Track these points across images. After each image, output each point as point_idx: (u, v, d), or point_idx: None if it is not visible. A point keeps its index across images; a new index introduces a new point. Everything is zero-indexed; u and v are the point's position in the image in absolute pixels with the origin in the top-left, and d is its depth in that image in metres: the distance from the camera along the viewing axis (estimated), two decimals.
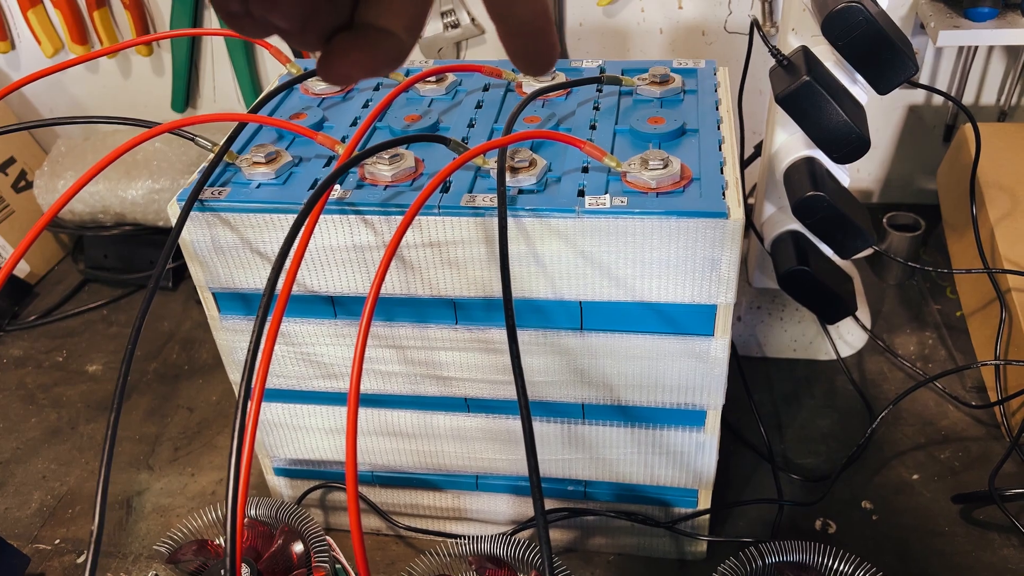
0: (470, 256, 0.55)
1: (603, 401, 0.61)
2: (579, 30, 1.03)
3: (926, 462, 0.78)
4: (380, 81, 0.69)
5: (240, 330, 0.63)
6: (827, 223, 0.73)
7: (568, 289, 0.56)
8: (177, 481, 0.82)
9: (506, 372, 0.61)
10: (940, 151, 1.04)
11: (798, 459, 0.79)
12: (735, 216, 0.51)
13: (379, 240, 0.56)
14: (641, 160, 0.54)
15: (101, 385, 0.94)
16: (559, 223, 0.53)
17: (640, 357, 0.58)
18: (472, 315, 0.59)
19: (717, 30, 1.01)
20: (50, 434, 0.88)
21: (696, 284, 0.54)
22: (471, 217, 0.53)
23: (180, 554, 0.62)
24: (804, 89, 0.66)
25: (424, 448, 0.67)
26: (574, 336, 0.58)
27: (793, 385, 0.87)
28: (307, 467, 0.72)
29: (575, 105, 0.64)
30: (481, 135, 0.62)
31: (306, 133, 0.58)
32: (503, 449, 0.66)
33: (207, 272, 0.60)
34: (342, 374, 0.64)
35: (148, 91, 1.17)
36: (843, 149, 0.69)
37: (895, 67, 0.65)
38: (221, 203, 0.56)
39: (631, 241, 0.53)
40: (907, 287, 0.98)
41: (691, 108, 0.63)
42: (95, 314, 1.05)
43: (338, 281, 0.58)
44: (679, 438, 0.63)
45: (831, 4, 0.63)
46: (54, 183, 1.05)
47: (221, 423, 0.88)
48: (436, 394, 0.64)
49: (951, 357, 0.88)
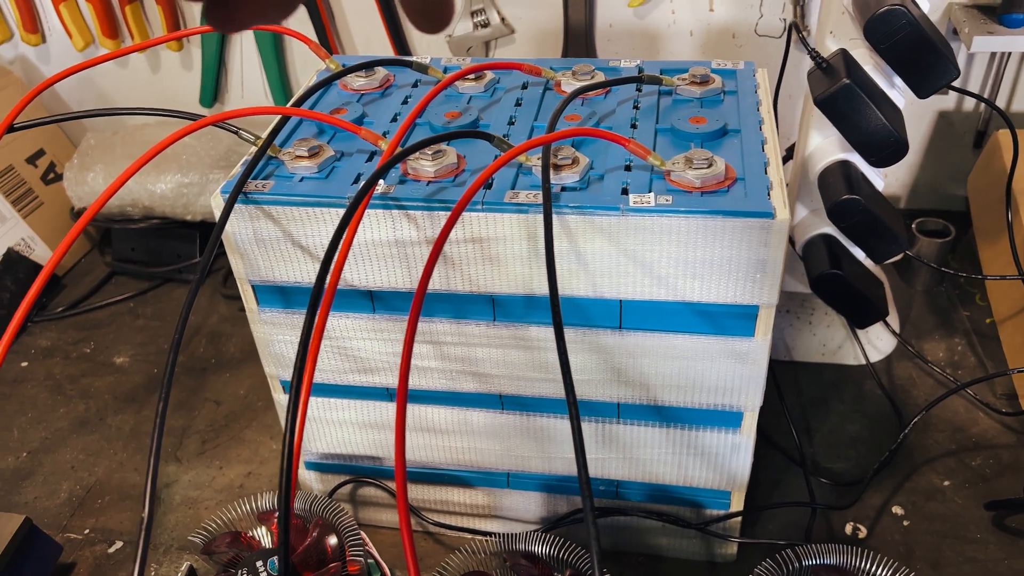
0: (511, 253, 0.55)
1: (639, 401, 0.61)
2: (609, 31, 1.03)
3: (957, 468, 0.77)
4: (418, 78, 0.69)
5: (277, 323, 0.63)
6: (862, 227, 0.73)
7: (609, 287, 0.56)
8: (205, 474, 0.82)
9: (542, 369, 0.61)
10: (969, 157, 1.04)
11: (827, 463, 0.79)
12: (781, 216, 0.51)
13: (421, 235, 0.56)
14: (685, 159, 0.54)
15: (128, 377, 0.95)
16: (603, 221, 0.53)
17: (679, 357, 0.58)
18: (510, 312, 0.59)
19: (747, 33, 1.01)
20: (78, 424, 0.89)
21: (740, 284, 0.54)
22: (514, 214, 0.54)
23: (214, 545, 0.63)
24: (843, 92, 0.66)
25: (457, 444, 0.67)
26: (612, 335, 0.58)
27: (821, 389, 0.86)
28: (338, 461, 0.72)
29: (615, 104, 0.64)
30: (521, 132, 0.62)
31: (350, 128, 0.58)
32: (536, 447, 0.66)
33: (247, 265, 0.60)
34: (378, 369, 0.64)
35: (177, 86, 1.17)
36: (881, 152, 0.69)
37: (937, 71, 0.65)
38: (265, 196, 0.56)
39: (675, 240, 0.53)
40: (935, 293, 0.97)
41: (732, 109, 0.63)
42: (122, 306, 1.05)
43: (379, 276, 0.58)
44: (715, 439, 0.62)
45: (873, 7, 0.63)
46: (83, 176, 1.06)
47: (248, 417, 0.88)
48: (471, 390, 0.64)
49: (981, 364, 0.88)
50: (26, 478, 0.83)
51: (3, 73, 1.11)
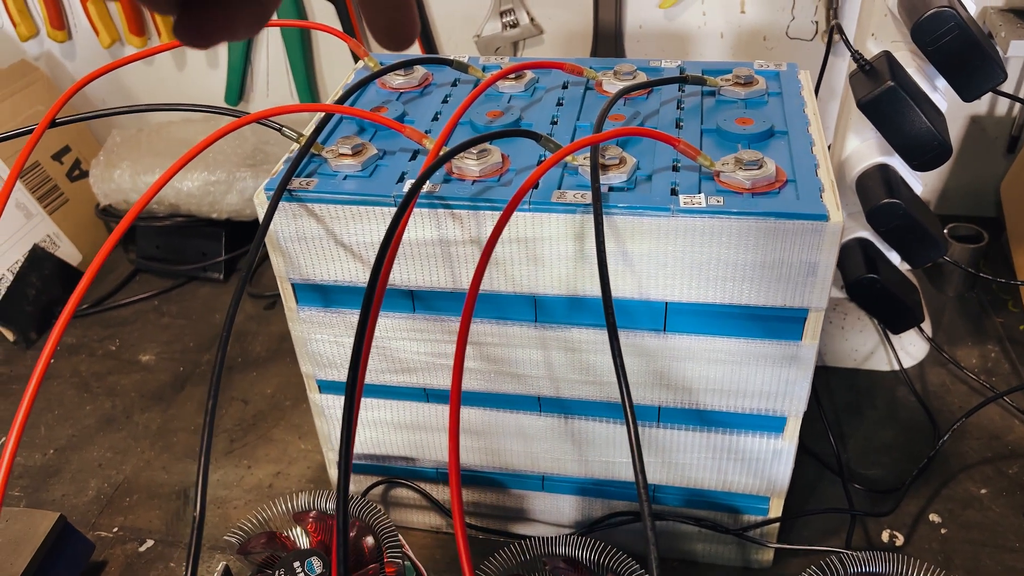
0: (557, 253, 0.55)
1: (681, 405, 0.61)
2: (639, 32, 1.03)
3: (994, 477, 0.76)
4: (457, 77, 0.69)
5: (316, 322, 0.62)
6: (901, 231, 0.72)
7: (655, 289, 0.55)
8: (233, 473, 0.82)
9: (582, 371, 0.61)
10: (1001, 162, 1.03)
11: (861, 470, 0.78)
12: (834, 219, 0.50)
13: (466, 235, 0.55)
14: (735, 160, 0.54)
15: (154, 375, 0.94)
16: (652, 222, 0.52)
17: (723, 361, 0.58)
18: (552, 313, 0.59)
19: (779, 36, 1.00)
20: (105, 422, 0.88)
21: (790, 288, 0.53)
22: (561, 214, 0.53)
23: (250, 546, 0.62)
24: (888, 95, 0.66)
25: (492, 446, 0.67)
26: (656, 337, 0.58)
27: (854, 395, 0.86)
28: (371, 462, 0.71)
29: (658, 104, 0.64)
30: (565, 132, 0.61)
31: (394, 126, 0.57)
32: (572, 450, 0.65)
33: (289, 263, 0.59)
34: (416, 368, 0.63)
35: (202, 83, 1.17)
36: (924, 156, 0.68)
37: (984, 73, 0.64)
38: (309, 194, 0.55)
39: (726, 242, 0.52)
40: (967, 299, 0.96)
41: (776, 110, 0.62)
42: (146, 304, 1.05)
43: (421, 275, 0.58)
44: (756, 444, 0.62)
45: (921, 9, 0.62)
46: (109, 173, 1.05)
47: (276, 416, 0.88)
48: (510, 392, 0.63)
49: (1015, 371, 0.87)
50: (54, 475, 0.83)
51: (29, 69, 1.11)
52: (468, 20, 1.05)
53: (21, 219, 1.03)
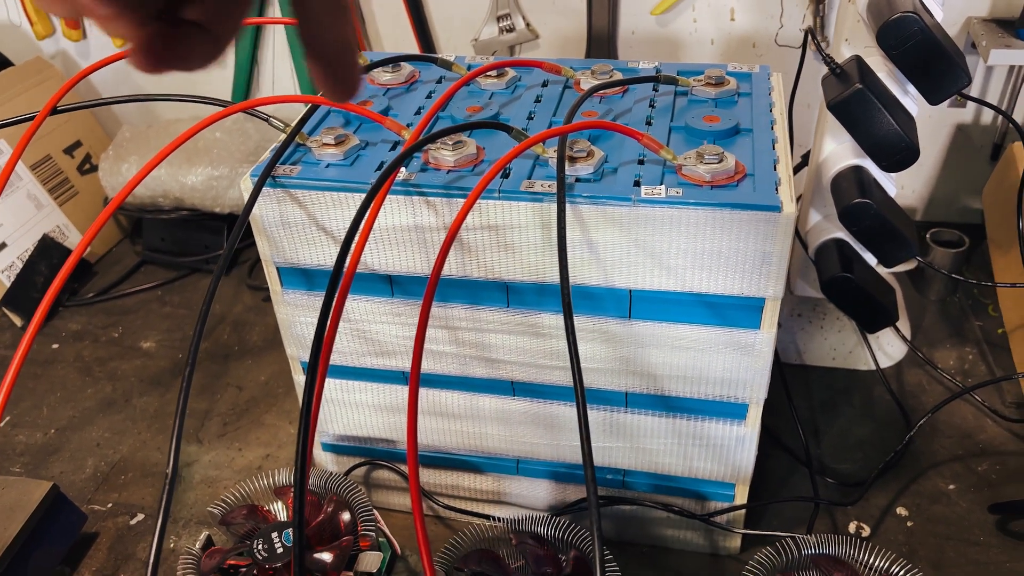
0: (526, 240, 0.57)
1: (646, 390, 0.63)
2: (631, 38, 1.05)
3: (963, 473, 0.78)
4: (443, 75, 0.72)
5: (300, 304, 0.65)
6: (873, 231, 0.74)
7: (619, 277, 0.58)
8: (225, 455, 0.85)
9: (553, 357, 0.63)
10: (986, 170, 1.05)
11: (834, 464, 0.80)
12: (787, 210, 0.53)
13: (440, 222, 0.58)
14: (697, 154, 0.56)
15: (154, 361, 0.98)
16: (615, 211, 0.55)
17: (685, 348, 0.60)
18: (524, 299, 0.61)
19: (768, 43, 1.02)
20: (105, 405, 0.92)
21: (746, 277, 0.55)
22: (529, 202, 0.56)
23: (231, 517, 0.65)
24: (856, 96, 0.68)
25: (468, 429, 0.69)
26: (622, 324, 0.60)
27: (831, 393, 0.87)
28: (353, 443, 0.74)
29: (631, 103, 0.66)
30: (540, 127, 0.64)
31: (375, 117, 0.60)
32: (545, 434, 0.68)
33: (273, 247, 0.62)
34: (395, 352, 0.66)
35: (209, 82, 1.21)
36: (892, 157, 0.70)
37: (948, 77, 0.66)
38: (292, 180, 0.58)
39: (684, 231, 0.54)
40: (948, 303, 0.98)
41: (745, 109, 0.65)
42: (150, 294, 1.09)
43: (398, 260, 0.61)
44: (720, 430, 0.64)
45: (886, 14, 0.65)
46: (118, 167, 1.09)
47: (269, 402, 0.91)
48: (484, 376, 0.66)
49: (991, 372, 0.88)
50: (53, 453, 0.86)
51: (44, 67, 1.15)
52: (466, 24, 1.08)
53: (32, 209, 1.07)
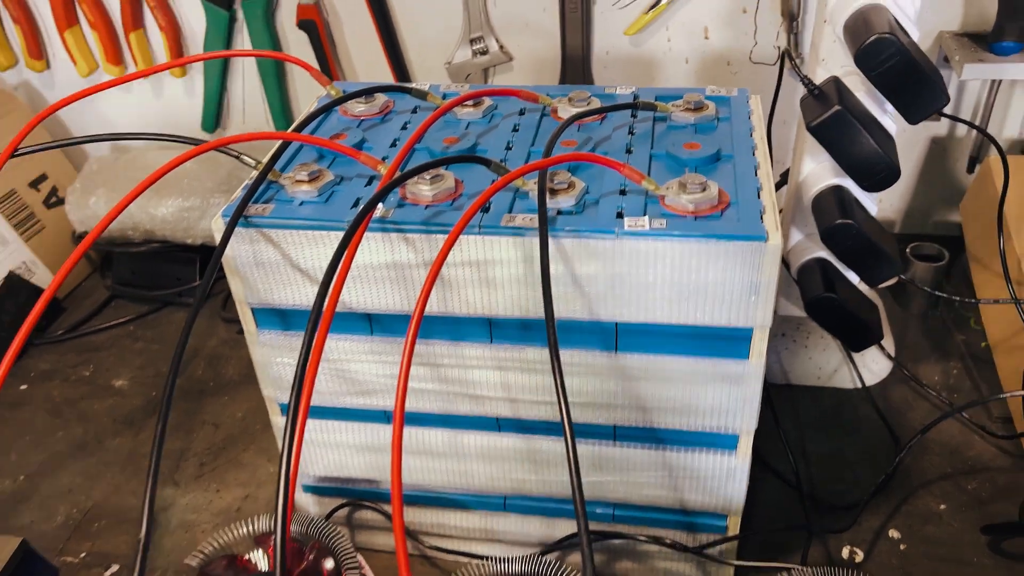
0: (508, 275, 0.56)
1: (635, 423, 0.62)
2: (606, 58, 1.05)
3: (953, 492, 0.77)
4: (417, 104, 0.70)
5: (276, 345, 0.63)
6: (856, 251, 0.73)
7: (604, 310, 0.56)
8: (202, 497, 0.82)
9: (539, 392, 0.62)
10: (963, 183, 1.05)
11: (824, 487, 0.79)
12: (773, 240, 0.52)
13: (419, 258, 0.56)
14: (679, 183, 0.55)
15: (127, 400, 0.95)
16: (598, 244, 0.53)
17: (673, 379, 0.59)
18: (508, 334, 0.60)
19: (743, 60, 1.02)
20: (76, 448, 0.89)
21: (733, 307, 0.54)
22: (511, 237, 0.54)
23: (210, 569, 0.63)
24: (835, 118, 0.67)
25: (453, 467, 0.68)
26: (608, 357, 0.59)
27: (818, 413, 0.87)
28: (335, 484, 0.72)
29: (611, 130, 0.65)
30: (519, 157, 0.63)
31: (349, 152, 0.59)
32: (533, 469, 0.66)
33: (247, 287, 0.60)
34: (376, 391, 0.64)
35: (179, 111, 1.19)
36: (873, 178, 0.70)
37: (927, 98, 0.66)
38: (265, 219, 0.57)
39: (669, 263, 0.53)
40: (930, 317, 0.98)
41: (725, 135, 0.64)
42: (122, 330, 1.06)
43: (377, 298, 0.59)
44: (710, 462, 0.63)
45: (864, 35, 0.64)
46: (85, 200, 1.07)
47: (246, 440, 0.88)
48: (468, 413, 0.64)
49: (976, 388, 0.88)
50: (23, 501, 0.83)
51: (8, 99, 1.13)
52: (440, 47, 1.07)
53: None
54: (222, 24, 1.08)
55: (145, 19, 1.11)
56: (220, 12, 1.07)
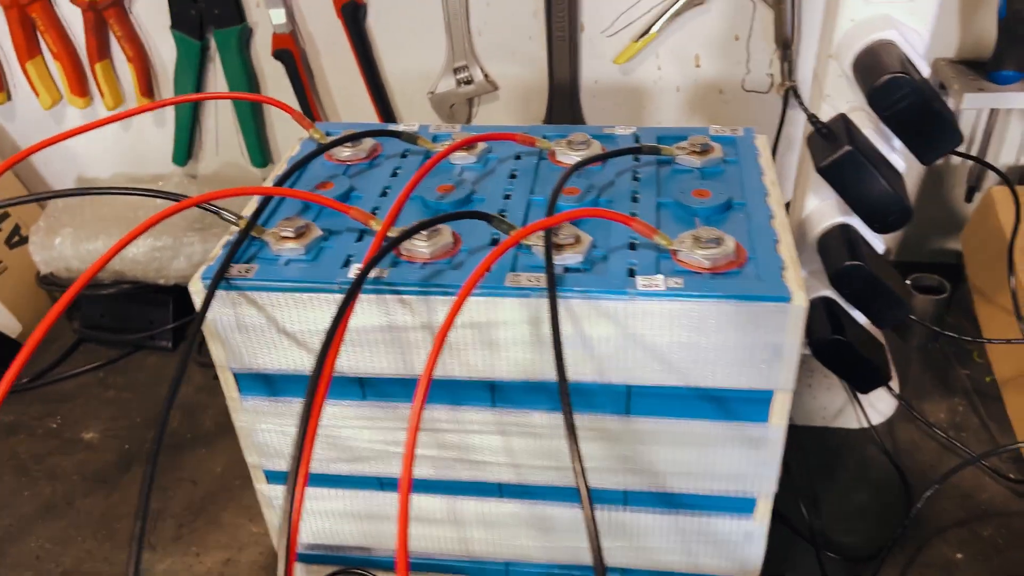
0: (512, 337, 0.52)
1: (647, 488, 0.58)
2: (594, 87, 1.02)
3: (969, 539, 0.75)
4: (407, 148, 0.67)
5: (261, 411, 0.59)
6: (865, 292, 0.71)
7: (616, 373, 0.53)
8: (181, 562, 0.77)
9: (545, 456, 0.58)
10: (960, 211, 1.03)
11: (836, 537, 0.76)
12: (798, 300, 0.48)
13: (416, 321, 0.53)
14: (693, 238, 0.52)
15: (98, 455, 0.89)
16: (609, 305, 0.50)
17: (689, 443, 0.55)
18: (511, 397, 0.56)
19: (735, 88, 0.99)
20: (44, 509, 0.83)
21: (754, 370, 0.51)
22: (516, 298, 0.51)
23: None
24: (846, 159, 0.65)
25: (451, 535, 0.64)
26: (619, 421, 0.55)
27: (824, 456, 0.84)
28: (326, 552, 0.68)
29: (613, 175, 0.62)
30: (518, 207, 0.59)
31: (340, 208, 0.55)
32: (537, 536, 0.62)
33: (229, 352, 0.56)
34: (368, 457, 0.60)
35: (148, 142, 1.14)
36: (885, 219, 0.67)
37: (941, 137, 0.63)
38: (250, 282, 0.52)
39: (686, 325, 0.50)
40: (931, 350, 0.95)
41: (734, 179, 0.61)
42: (91, 377, 1.00)
43: (370, 362, 0.55)
44: (726, 526, 0.59)
45: (877, 74, 0.62)
46: (51, 239, 1.01)
47: (226, 497, 0.83)
48: (468, 478, 0.60)
49: (984, 425, 0.86)
50: None
51: None
52: (422, 77, 1.03)
53: None
54: (193, 54, 1.03)
55: (112, 49, 1.06)
56: (191, 42, 1.02)
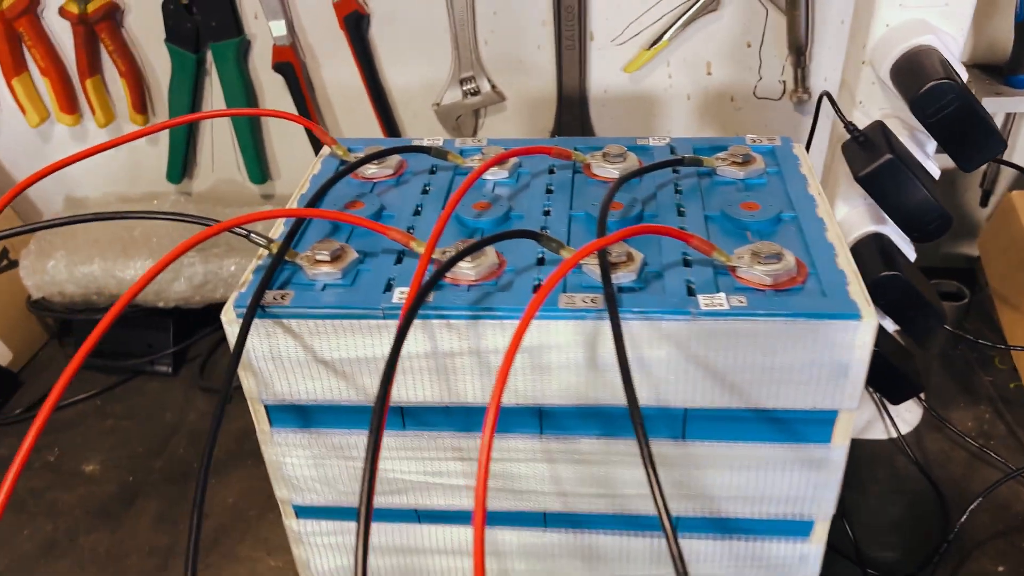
0: (564, 361, 0.50)
1: (700, 513, 0.56)
2: (604, 97, 1.00)
3: (1008, 551, 0.73)
4: (435, 164, 0.64)
5: (293, 444, 0.56)
6: (902, 303, 0.69)
7: (674, 396, 0.50)
8: None
9: (594, 484, 0.55)
10: (973, 214, 1.02)
11: (873, 553, 0.74)
12: (868, 318, 0.47)
13: (463, 346, 0.50)
14: (751, 253, 0.50)
15: (100, 487, 0.85)
16: (670, 326, 0.48)
17: (747, 467, 0.53)
18: (560, 424, 0.53)
19: (746, 96, 0.98)
20: (46, 548, 0.79)
21: (820, 390, 0.49)
22: (570, 320, 0.48)
23: None
24: (887, 167, 0.63)
25: (493, 567, 0.61)
26: (674, 445, 0.53)
27: (855, 468, 0.82)
28: None
29: (654, 188, 0.60)
30: (560, 223, 0.56)
31: (379, 229, 0.52)
32: (584, 567, 0.60)
33: (261, 384, 0.53)
34: (406, 489, 0.57)
35: (141, 159, 1.10)
36: (925, 228, 0.66)
37: (984, 144, 0.62)
38: (287, 309, 0.49)
39: (750, 344, 0.48)
40: (952, 357, 0.94)
41: (779, 190, 0.59)
42: (88, 405, 0.96)
43: (413, 390, 0.52)
44: (781, 550, 0.57)
45: (920, 81, 0.60)
46: (42, 264, 0.97)
47: (241, 529, 0.80)
48: (511, 508, 0.57)
49: (1012, 433, 0.85)
50: None
51: None
52: (427, 88, 1.01)
53: None
54: (189, 68, 1.00)
55: (103, 64, 1.02)
56: (187, 55, 0.99)
